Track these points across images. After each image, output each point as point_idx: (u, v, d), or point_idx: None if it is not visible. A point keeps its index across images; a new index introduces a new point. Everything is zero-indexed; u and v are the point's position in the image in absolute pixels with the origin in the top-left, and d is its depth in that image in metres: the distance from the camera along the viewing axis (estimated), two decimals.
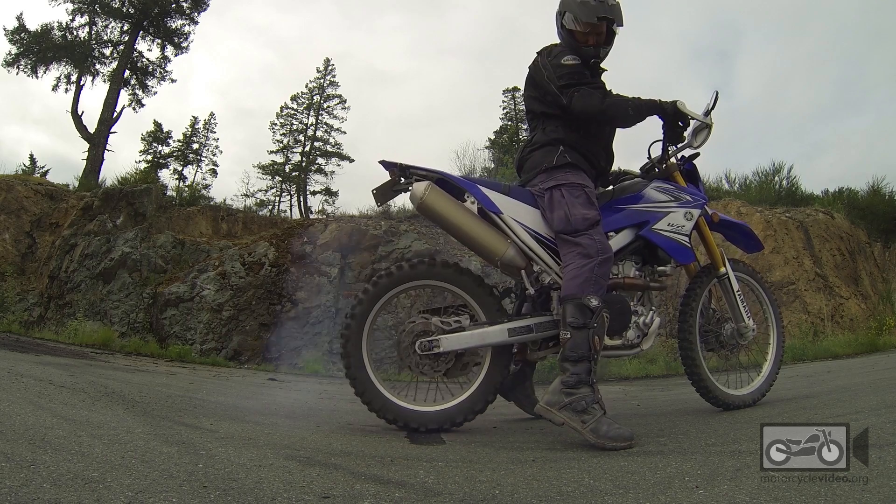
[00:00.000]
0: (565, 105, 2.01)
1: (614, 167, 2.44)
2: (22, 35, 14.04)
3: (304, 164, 22.81)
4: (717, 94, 2.19)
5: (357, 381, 1.95)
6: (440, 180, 2.06)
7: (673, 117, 2.06)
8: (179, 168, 21.85)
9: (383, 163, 2.10)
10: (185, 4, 14.97)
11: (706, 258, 2.43)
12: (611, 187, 2.40)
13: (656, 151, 2.36)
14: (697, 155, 2.38)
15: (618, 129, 2.23)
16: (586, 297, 1.81)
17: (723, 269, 2.36)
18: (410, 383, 2.10)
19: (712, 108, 2.19)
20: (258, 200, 20.26)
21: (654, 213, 2.14)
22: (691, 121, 2.11)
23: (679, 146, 2.28)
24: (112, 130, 13.80)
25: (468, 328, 1.98)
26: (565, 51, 2.10)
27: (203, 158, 22.46)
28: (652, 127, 2.19)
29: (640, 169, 2.45)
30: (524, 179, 2.18)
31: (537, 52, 2.18)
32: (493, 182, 2.11)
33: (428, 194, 1.99)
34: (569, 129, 2.08)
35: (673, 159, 2.33)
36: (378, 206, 2.19)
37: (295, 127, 23.36)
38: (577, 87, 1.99)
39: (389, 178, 2.10)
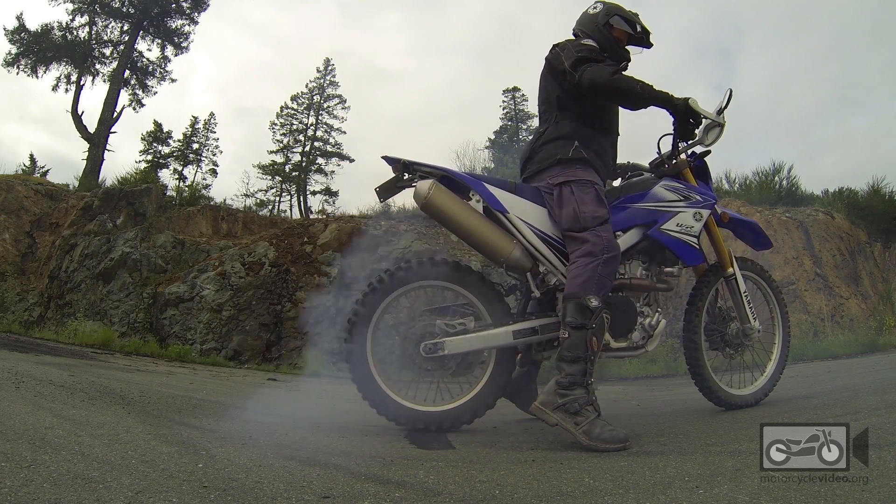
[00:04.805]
0: (575, 82, 1.97)
1: (623, 160, 2.40)
2: (22, 35, 14.03)
3: (304, 164, 22.78)
4: (730, 91, 2.15)
5: (362, 383, 1.95)
6: (444, 177, 2.03)
7: (684, 115, 2.02)
8: (179, 168, 21.74)
9: (386, 158, 2.09)
10: (185, 4, 14.98)
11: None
12: (617, 182, 2.36)
13: (666, 146, 2.31)
14: (709, 152, 2.31)
15: (621, 136, 2.23)
16: (587, 297, 1.80)
17: (730, 270, 2.31)
18: (412, 383, 2.07)
19: (725, 106, 2.13)
20: (258, 200, 20.15)
21: (662, 212, 2.10)
22: (703, 119, 2.06)
23: (690, 143, 2.23)
24: (112, 130, 13.81)
25: (472, 331, 1.98)
26: (586, 36, 2.16)
27: (203, 158, 22.37)
28: (662, 123, 2.20)
29: (650, 164, 2.41)
30: (532, 170, 2.12)
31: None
32: (498, 179, 2.07)
33: (432, 193, 1.96)
34: (582, 122, 2.06)
35: (683, 155, 2.28)
36: (380, 202, 2.28)
37: (295, 127, 23.28)
38: (589, 63, 1.98)
39: (393, 175, 2.09)
